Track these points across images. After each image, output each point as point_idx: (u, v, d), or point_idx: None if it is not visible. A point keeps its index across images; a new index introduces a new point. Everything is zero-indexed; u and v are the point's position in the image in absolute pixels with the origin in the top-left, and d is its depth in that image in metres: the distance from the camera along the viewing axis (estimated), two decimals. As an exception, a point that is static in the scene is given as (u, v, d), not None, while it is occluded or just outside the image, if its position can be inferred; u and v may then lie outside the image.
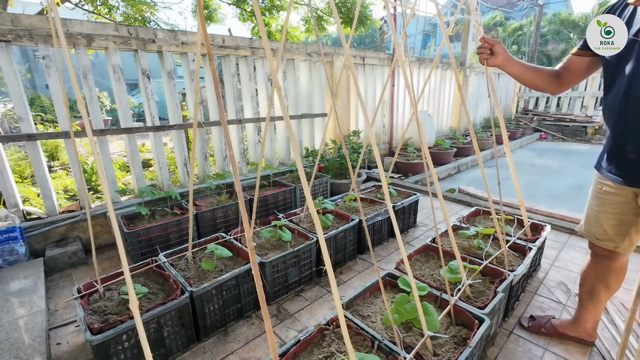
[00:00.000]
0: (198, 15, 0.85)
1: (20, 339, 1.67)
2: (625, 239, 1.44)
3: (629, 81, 1.23)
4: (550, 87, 1.52)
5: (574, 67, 1.46)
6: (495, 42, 1.51)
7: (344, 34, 1.19)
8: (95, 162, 1.51)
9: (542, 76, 1.52)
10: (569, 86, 1.51)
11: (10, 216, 2.47)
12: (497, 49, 1.51)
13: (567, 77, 1.48)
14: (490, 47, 1.52)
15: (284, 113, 0.98)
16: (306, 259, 2.26)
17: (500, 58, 1.51)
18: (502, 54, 1.50)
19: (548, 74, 1.52)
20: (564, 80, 1.49)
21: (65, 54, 1.21)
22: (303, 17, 8.52)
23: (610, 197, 1.42)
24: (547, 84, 1.52)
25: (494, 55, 1.52)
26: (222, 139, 3.72)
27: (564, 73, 1.49)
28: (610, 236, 1.46)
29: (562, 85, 1.50)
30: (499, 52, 1.51)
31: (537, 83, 1.54)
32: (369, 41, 29.69)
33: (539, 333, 1.81)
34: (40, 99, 9.64)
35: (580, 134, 9.16)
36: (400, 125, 6.19)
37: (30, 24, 2.45)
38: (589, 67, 1.43)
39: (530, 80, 1.55)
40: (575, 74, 1.46)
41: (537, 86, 1.55)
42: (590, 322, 1.69)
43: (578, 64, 1.44)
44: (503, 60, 1.50)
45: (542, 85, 1.54)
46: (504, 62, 1.51)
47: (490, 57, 1.52)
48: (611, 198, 1.41)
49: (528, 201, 3.82)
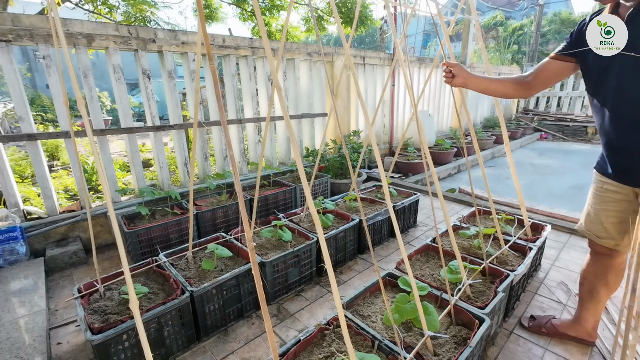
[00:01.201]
0: (198, 15, 0.85)
1: (20, 339, 1.67)
2: (625, 237, 1.45)
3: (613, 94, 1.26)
4: (519, 93, 1.57)
5: (549, 71, 1.48)
6: (455, 64, 1.59)
7: (344, 34, 1.19)
8: (95, 161, 1.50)
9: (508, 85, 1.57)
10: (540, 89, 1.54)
11: (11, 216, 2.47)
12: (456, 71, 1.58)
13: (540, 80, 1.51)
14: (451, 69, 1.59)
15: (284, 113, 0.98)
16: (306, 258, 2.26)
17: (459, 79, 1.58)
18: (461, 75, 1.58)
19: (514, 81, 1.57)
20: (535, 83, 1.52)
21: (66, 53, 1.21)
22: (303, 16, 8.52)
23: (611, 195, 1.43)
24: (515, 90, 1.57)
25: (455, 77, 1.59)
26: (223, 139, 3.72)
27: (539, 75, 1.51)
28: (610, 234, 1.47)
29: (532, 88, 1.54)
30: (458, 73, 1.58)
31: (505, 92, 1.60)
32: (369, 41, 29.69)
33: (540, 333, 1.81)
34: (40, 99, 9.65)
35: (581, 134, 9.15)
36: (400, 125, 6.19)
37: (31, 23, 2.45)
38: (565, 71, 1.46)
39: (496, 91, 1.61)
40: (549, 78, 1.49)
41: (505, 95, 1.62)
42: (590, 322, 1.69)
43: (555, 67, 1.46)
44: (463, 80, 1.58)
45: (510, 93, 1.59)
46: (464, 81, 1.58)
47: (452, 79, 1.60)
48: (612, 196, 1.42)
49: (528, 201, 3.82)
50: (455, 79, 1.59)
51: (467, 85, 1.59)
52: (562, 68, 1.45)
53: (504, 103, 9.90)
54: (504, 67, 10.02)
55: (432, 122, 6.39)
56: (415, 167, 5.21)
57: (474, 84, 1.59)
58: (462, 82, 1.59)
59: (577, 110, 9.71)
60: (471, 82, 1.58)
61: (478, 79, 1.59)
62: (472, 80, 1.58)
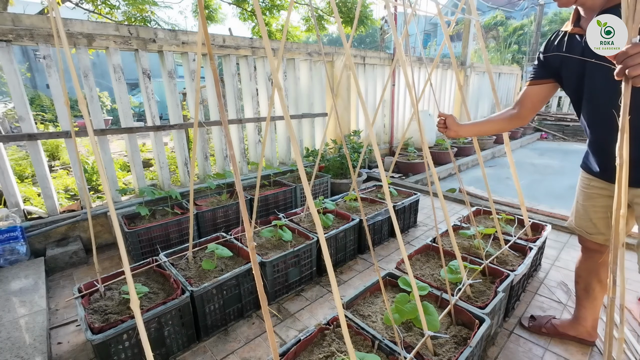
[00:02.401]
0: (199, 15, 0.85)
1: (21, 338, 1.67)
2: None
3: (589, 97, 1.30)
4: (514, 125, 1.60)
5: (532, 96, 1.50)
6: (448, 115, 1.63)
7: (345, 34, 1.19)
8: (96, 161, 1.50)
9: (501, 123, 1.61)
10: (532, 115, 1.56)
11: (11, 216, 2.48)
12: (449, 123, 1.62)
13: (528, 108, 1.53)
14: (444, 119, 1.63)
15: (284, 113, 0.98)
16: (306, 258, 2.26)
17: (451, 131, 1.63)
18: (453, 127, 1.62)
19: (504, 118, 1.59)
20: (524, 113, 1.54)
21: (66, 53, 1.21)
22: (304, 16, 8.52)
23: (597, 191, 1.46)
24: (509, 124, 1.60)
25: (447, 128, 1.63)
26: (223, 139, 3.72)
27: (524, 105, 1.53)
28: (599, 229, 1.50)
29: (524, 118, 1.55)
30: (450, 125, 1.62)
31: (500, 129, 1.64)
32: (369, 41, 29.68)
33: (540, 333, 1.82)
34: (40, 99, 9.63)
35: (581, 134, 9.14)
36: (400, 125, 6.19)
37: (31, 23, 2.45)
38: (547, 92, 1.48)
39: (491, 131, 1.66)
40: (534, 103, 1.51)
41: (502, 131, 1.68)
42: (589, 321, 1.70)
43: (537, 92, 1.49)
44: (455, 132, 1.63)
45: (505, 128, 1.64)
46: (457, 133, 1.62)
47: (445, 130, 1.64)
48: (599, 192, 1.45)
49: (529, 201, 3.82)
50: (447, 131, 1.64)
51: (459, 135, 1.64)
52: (543, 90, 1.47)
53: (504, 102, 9.90)
54: (504, 66, 10.01)
55: (433, 122, 6.39)
56: (416, 167, 5.21)
57: (467, 132, 1.64)
58: (454, 134, 1.63)
59: (577, 110, 9.69)
60: (463, 131, 1.63)
61: (469, 127, 1.64)
62: (464, 130, 1.63)
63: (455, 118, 1.63)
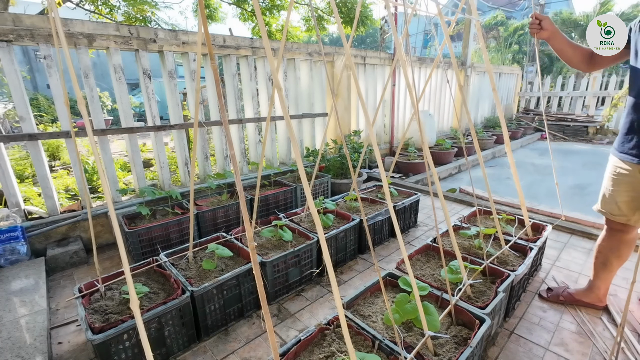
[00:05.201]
0: (199, 15, 0.85)
1: (21, 338, 1.68)
2: (636, 213, 1.66)
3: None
4: (582, 65, 1.75)
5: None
6: (544, 17, 1.70)
7: (345, 34, 1.19)
8: (96, 161, 1.50)
9: (578, 55, 1.74)
10: (598, 68, 1.74)
11: (12, 216, 2.48)
12: (545, 24, 1.70)
13: (598, 61, 1.69)
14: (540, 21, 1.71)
15: (284, 113, 0.98)
16: (307, 258, 2.26)
17: (546, 32, 1.71)
18: (549, 28, 1.71)
19: (583, 53, 1.73)
20: (595, 62, 1.71)
21: (66, 53, 1.21)
22: (304, 16, 8.52)
23: (623, 177, 1.64)
24: (580, 62, 1.74)
25: (542, 29, 1.71)
26: (223, 139, 3.72)
27: (597, 56, 1.68)
28: (623, 211, 1.68)
29: (592, 66, 1.73)
30: (546, 26, 1.71)
31: (572, 60, 1.76)
32: (369, 41, 29.67)
33: (558, 302, 2.03)
34: (37, 100, 9.61)
35: (582, 134, 9.14)
36: (401, 125, 6.18)
37: (32, 23, 2.45)
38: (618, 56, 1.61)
39: (567, 56, 1.76)
40: (605, 60, 1.67)
41: (571, 63, 1.78)
42: (602, 289, 1.93)
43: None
44: (549, 34, 1.71)
45: (576, 62, 1.76)
46: (550, 35, 1.71)
47: (539, 30, 1.72)
48: (624, 178, 1.64)
49: (529, 201, 3.82)
50: (541, 32, 1.71)
51: (550, 40, 1.72)
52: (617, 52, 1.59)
53: (504, 103, 9.90)
54: (504, 66, 10.01)
55: (433, 122, 6.39)
56: (416, 167, 5.20)
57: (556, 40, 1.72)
58: (547, 35, 1.71)
59: (577, 110, 9.70)
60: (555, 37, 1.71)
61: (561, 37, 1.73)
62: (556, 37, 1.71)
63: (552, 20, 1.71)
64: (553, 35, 1.71)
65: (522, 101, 11.08)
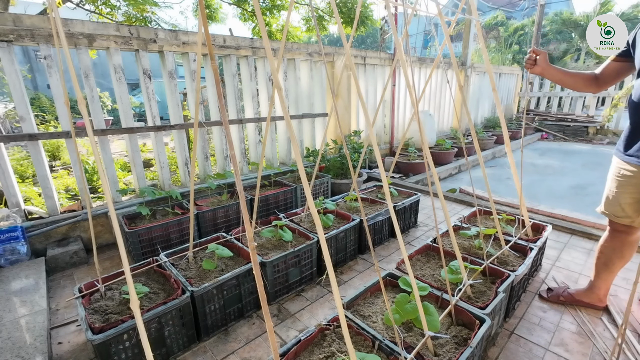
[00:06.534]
0: (199, 15, 0.85)
1: (21, 338, 1.68)
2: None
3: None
4: (589, 89, 1.79)
5: (611, 70, 1.70)
6: (542, 52, 1.79)
7: (345, 34, 1.19)
8: (96, 161, 1.50)
9: (579, 81, 1.80)
10: (607, 87, 1.77)
11: (12, 216, 2.48)
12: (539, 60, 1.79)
13: (604, 80, 1.74)
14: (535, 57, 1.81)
15: (284, 113, 0.98)
16: (307, 258, 2.26)
17: (539, 68, 1.80)
18: (542, 65, 1.79)
19: (584, 78, 1.79)
20: (601, 82, 1.74)
21: (67, 54, 1.22)
22: (304, 16, 8.52)
23: (627, 179, 1.64)
24: (585, 86, 1.79)
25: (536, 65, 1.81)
26: (223, 139, 3.72)
27: (602, 76, 1.73)
28: (627, 213, 1.68)
29: (600, 86, 1.76)
30: (540, 62, 1.79)
31: (577, 86, 1.82)
32: (370, 41, 29.67)
33: (558, 302, 2.04)
34: (39, 100, 9.64)
35: (582, 134, 9.13)
36: (401, 125, 6.18)
37: (32, 24, 2.45)
38: (623, 70, 1.67)
39: (569, 84, 1.84)
40: (611, 77, 1.72)
41: (577, 89, 1.85)
42: (603, 289, 1.93)
43: (614, 67, 1.69)
44: (542, 70, 1.80)
45: (581, 87, 1.81)
46: (542, 71, 1.80)
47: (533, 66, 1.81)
48: (628, 180, 1.63)
49: (529, 201, 3.82)
50: (535, 67, 1.80)
51: (544, 74, 1.80)
52: (619, 67, 1.67)
53: (504, 103, 9.89)
54: (504, 67, 10.01)
55: (433, 122, 6.39)
56: (416, 167, 5.20)
57: (551, 75, 1.81)
58: (540, 70, 1.79)
59: (577, 110, 9.69)
60: (548, 72, 1.80)
61: (555, 70, 1.81)
62: (549, 71, 1.80)
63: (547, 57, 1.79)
64: (546, 71, 1.80)
65: (522, 101, 11.07)
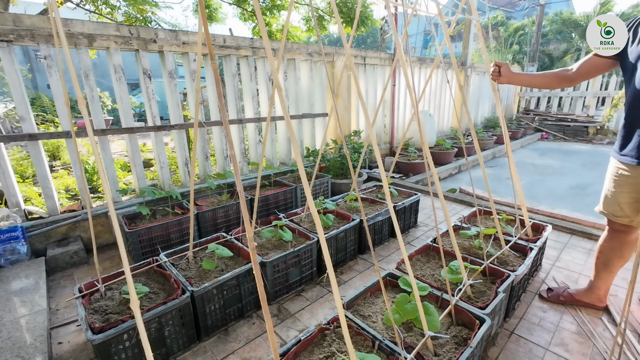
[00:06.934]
0: (199, 15, 0.85)
1: (21, 338, 1.68)
2: (639, 214, 1.67)
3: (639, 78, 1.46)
4: (562, 84, 1.84)
5: (591, 65, 1.69)
6: (504, 64, 1.89)
7: (345, 34, 1.19)
8: (96, 161, 1.50)
9: (552, 79, 1.85)
10: (582, 81, 1.80)
11: (12, 216, 2.48)
12: (503, 71, 1.89)
13: (582, 73, 1.74)
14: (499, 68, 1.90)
15: (284, 113, 0.98)
16: (307, 258, 2.26)
17: (505, 78, 1.90)
18: (506, 74, 1.89)
19: (557, 75, 1.82)
20: (576, 76, 1.75)
21: (67, 54, 1.22)
22: (304, 16, 8.52)
23: (625, 179, 1.64)
24: (558, 83, 1.84)
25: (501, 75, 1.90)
26: (223, 139, 3.72)
27: (580, 69, 1.73)
28: (626, 212, 1.69)
29: (574, 80, 1.78)
30: (504, 73, 1.90)
31: (550, 85, 1.90)
32: (370, 41, 29.67)
33: (558, 302, 2.04)
34: (40, 99, 9.64)
35: (582, 134, 9.13)
36: (401, 125, 6.18)
37: (32, 24, 2.45)
38: (605, 66, 1.67)
39: (542, 84, 1.92)
40: (590, 71, 1.72)
41: (549, 87, 1.93)
42: (603, 289, 1.93)
43: (596, 63, 1.67)
44: (507, 79, 1.90)
45: (554, 85, 1.89)
46: (508, 80, 1.90)
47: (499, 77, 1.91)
48: (626, 180, 1.64)
49: (529, 201, 3.82)
50: (500, 77, 1.89)
51: (511, 82, 1.90)
52: (602, 63, 1.65)
53: (504, 103, 9.89)
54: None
55: (433, 122, 6.39)
56: (416, 167, 5.20)
57: (518, 80, 1.90)
58: (506, 80, 1.89)
59: (578, 110, 9.69)
60: (515, 79, 1.88)
61: (521, 76, 1.90)
62: (516, 78, 1.88)
63: (509, 67, 1.89)
64: (511, 79, 1.89)
65: (522, 101, 11.08)
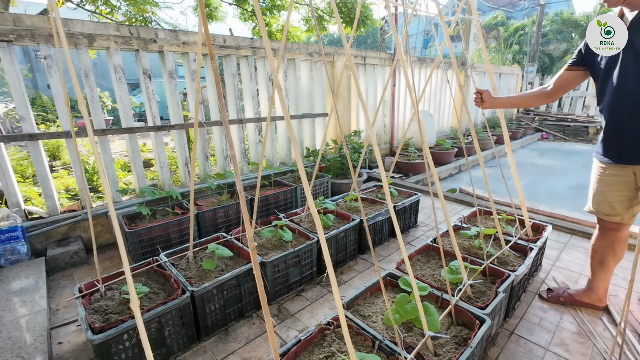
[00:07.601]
0: (199, 15, 0.85)
1: (21, 338, 1.68)
2: (628, 211, 1.70)
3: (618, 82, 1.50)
4: (542, 101, 1.93)
5: (564, 79, 1.78)
6: (484, 90, 2.01)
7: (345, 34, 1.19)
8: (96, 161, 1.51)
9: (531, 98, 1.96)
10: (560, 95, 1.87)
11: (12, 216, 2.48)
12: (485, 97, 2.01)
13: (559, 88, 1.82)
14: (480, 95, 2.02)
15: (284, 113, 0.98)
16: (307, 258, 2.26)
17: (487, 104, 2.00)
18: (488, 100, 2.00)
19: (535, 94, 1.92)
20: (555, 91, 1.83)
21: (67, 54, 1.22)
22: (304, 16, 8.52)
23: (612, 177, 1.67)
24: (537, 101, 1.94)
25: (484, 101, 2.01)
26: (223, 139, 3.72)
27: (556, 85, 1.82)
28: (617, 211, 1.71)
29: (551, 97, 1.87)
30: (485, 98, 2.01)
31: (529, 104, 2.02)
32: (370, 41, 29.67)
33: (558, 302, 2.04)
34: (41, 99, 9.65)
35: (582, 134, 9.14)
36: (401, 125, 6.18)
37: (32, 24, 2.45)
38: (577, 78, 1.75)
39: (525, 104, 2.08)
40: (564, 85, 1.80)
41: (529, 105, 2.07)
42: (601, 289, 1.94)
43: (568, 76, 1.76)
44: (489, 105, 2.00)
45: (533, 103, 1.99)
46: (490, 105, 2.00)
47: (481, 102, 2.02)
48: (614, 178, 1.66)
49: (529, 201, 3.82)
50: (484, 103, 1.99)
51: (493, 106, 1.99)
52: (574, 76, 1.74)
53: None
54: (504, 67, 10.01)
55: (433, 122, 6.39)
56: (416, 167, 5.20)
57: (501, 104, 1.99)
58: (489, 105, 1.98)
59: (577, 110, 9.69)
60: (497, 103, 1.98)
61: (503, 100, 1.99)
62: (498, 102, 1.98)
63: (490, 92, 1.99)
64: (494, 103, 1.98)
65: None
